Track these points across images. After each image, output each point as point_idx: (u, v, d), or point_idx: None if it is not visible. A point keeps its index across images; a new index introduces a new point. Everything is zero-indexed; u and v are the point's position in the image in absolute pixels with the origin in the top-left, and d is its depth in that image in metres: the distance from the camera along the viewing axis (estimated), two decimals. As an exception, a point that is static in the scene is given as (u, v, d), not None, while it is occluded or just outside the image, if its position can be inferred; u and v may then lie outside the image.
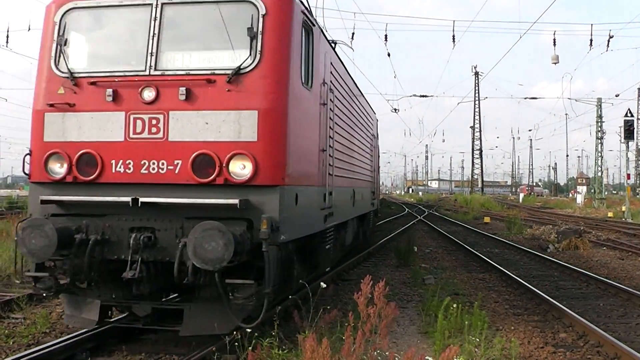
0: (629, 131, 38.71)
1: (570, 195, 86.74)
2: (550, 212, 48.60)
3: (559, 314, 9.84)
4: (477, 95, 75.62)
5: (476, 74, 75.05)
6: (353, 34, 31.38)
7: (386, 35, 34.71)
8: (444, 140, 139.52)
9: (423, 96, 57.86)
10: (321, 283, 7.83)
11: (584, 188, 64.20)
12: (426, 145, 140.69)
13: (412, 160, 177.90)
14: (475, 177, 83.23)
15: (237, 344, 6.63)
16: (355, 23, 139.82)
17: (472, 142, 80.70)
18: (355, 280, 13.41)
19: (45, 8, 7.82)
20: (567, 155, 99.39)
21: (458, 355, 6.23)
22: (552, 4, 28.30)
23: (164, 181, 7.07)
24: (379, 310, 5.56)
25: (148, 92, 7.13)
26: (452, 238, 23.77)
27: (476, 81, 75.31)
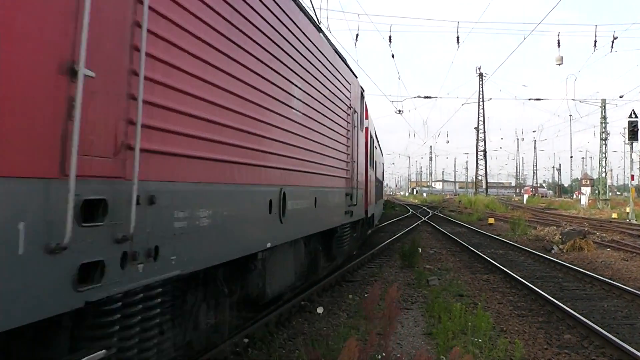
0: (633, 132, 38.64)
1: (575, 196, 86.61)
2: (555, 213, 48.54)
3: (563, 315, 9.86)
4: (481, 96, 75.63)
5: (480, 75, 75.00)
6: (357, 35, 31.61)
7: (390, 37, 34.95)
8: (448, 142, 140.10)
9: (427, 97, 58.06)
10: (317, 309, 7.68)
11: (588, 189, 64.23)
12: (430, 146, 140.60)
13: (416, 161, 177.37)
14: (479, 178, 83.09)
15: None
16: (360, 24, 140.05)
17: (476, 143, 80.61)
18: (360, 281, 13.45)
19: None
20: (572, 157, 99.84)
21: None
22: (557, 5, 28.33)
23: None
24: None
25: None
26: (456, 239, 23.77)
27: (480, 82, 75.27)
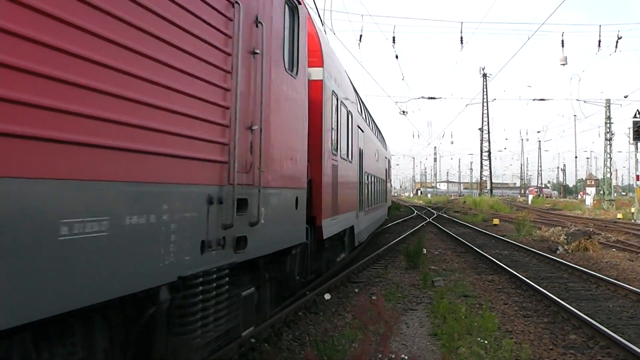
0: (637, 132, 38.51)
1: (579, 196, 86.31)
2: (559, 213, 48.43)
3: (569, 316, 9.85)
4: (485, 96, 75.61)
5: (484, 75, 75.01)
6: (361, 36, 31.59)
7: (394, 37, 34.96)
8: (452, 142, 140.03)
9: (431, 98, 58.00)
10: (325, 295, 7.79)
11: (593, 189, 63.98)
12: (435, 147, 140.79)
13: (420, 162, 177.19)
14: (484, 178, 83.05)
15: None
16: (363, 25, 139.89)
17: (481, 143, 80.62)
18: (364, 282, 13.47)
19: None
20: (576, 157, 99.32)
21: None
22: (561, 5, 28.29)
23: None
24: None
25: None
26: (461, 240, 23.76)
27: (484, 83, 75.30)
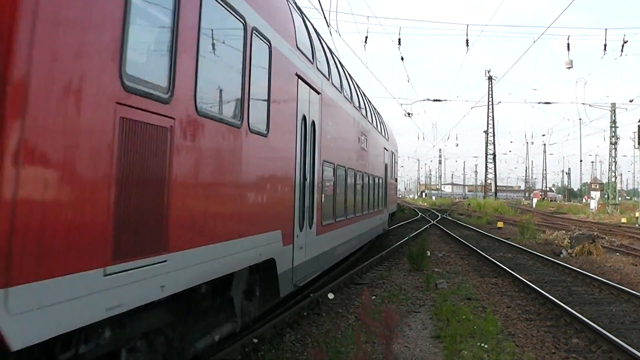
0: (643, 136, 38.50)
1: (584, 200, 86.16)
2: (564, 217, 48.37)
3: (571, 319, 9.87)
4: (490, 99, 75.45)
5: (490, 78, 74.81)
6: (366, 37, 31.69)
7: (399, 39, 35.00)
8: (457, 145, 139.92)
9: (436, 100, 58.03)
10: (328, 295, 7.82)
11: (598, 193, 63.76)
12: (439, 149, 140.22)
13: (425, 164, 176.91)
14: (488, 181, 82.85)
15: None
16: (369, 27, 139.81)
17: (486, 146, 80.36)
18: (368, 284, 13.51)
19: None
20: (581, 161, 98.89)
21: None
22: (567, 8, 28.32)
23: None
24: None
25: None
26: (465, 242, 23.77)
27: (490, 85, 75.08)
